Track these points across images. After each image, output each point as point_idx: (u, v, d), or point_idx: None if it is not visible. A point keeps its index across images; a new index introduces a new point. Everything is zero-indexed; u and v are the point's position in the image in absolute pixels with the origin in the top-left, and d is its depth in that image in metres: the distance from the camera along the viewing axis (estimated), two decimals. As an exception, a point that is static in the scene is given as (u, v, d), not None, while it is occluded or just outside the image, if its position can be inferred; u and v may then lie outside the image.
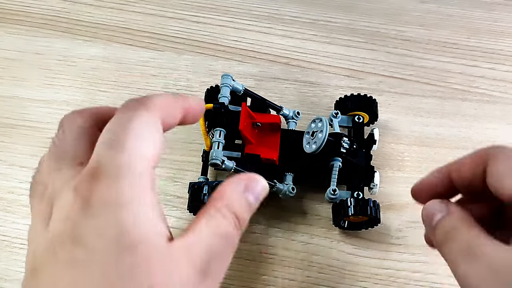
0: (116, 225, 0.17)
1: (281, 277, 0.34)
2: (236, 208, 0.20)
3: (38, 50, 0.43)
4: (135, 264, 0.17)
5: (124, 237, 0.16)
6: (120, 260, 0.16)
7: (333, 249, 0.35)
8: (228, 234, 0.20)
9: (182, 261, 0.18)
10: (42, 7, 0.46)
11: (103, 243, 0.16)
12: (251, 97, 0.34)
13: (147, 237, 0.17)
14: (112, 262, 0.16)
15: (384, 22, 0.46)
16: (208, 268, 0.19)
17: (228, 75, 0.33)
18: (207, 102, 0.35)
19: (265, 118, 0.33)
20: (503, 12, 0.47)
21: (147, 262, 0.17)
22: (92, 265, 0.16)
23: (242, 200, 0.21)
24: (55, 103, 0.40)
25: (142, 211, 0.17)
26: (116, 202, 0.17)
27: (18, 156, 0.38)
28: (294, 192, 0.32)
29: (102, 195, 0.17)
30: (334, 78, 0.42)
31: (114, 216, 0.17)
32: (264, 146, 0.32)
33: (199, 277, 0.18)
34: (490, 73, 0.43)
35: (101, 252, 0.16)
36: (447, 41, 0.45)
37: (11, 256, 0.34)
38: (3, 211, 0.36)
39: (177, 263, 0.18)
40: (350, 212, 0.31)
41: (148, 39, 0.44)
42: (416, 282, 0.34)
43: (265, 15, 0.46)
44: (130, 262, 0.16)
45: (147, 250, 0.17)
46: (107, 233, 0.16)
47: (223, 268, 0.20)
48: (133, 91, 0.41)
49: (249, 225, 0.36)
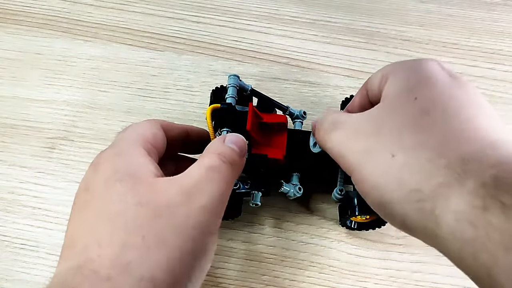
0: (111, 168, 0.23)
1: (281, 277, 0.34)
2: (219, 151, 0.25)
3: (38, 50, 0.43)
4: (124, 191, 0.22)
5: (115, 174, 0.22)
6: (111, 190, 0.22)
7: (333, 249, 0.35)
8: (213, 165, 0.24)
9: (169, 188, 0.22)
10: (42, 7, 0.46)
11: (101, 184, 0.23)
12: (257, 97, 0.34)
13: (135, 173, 0.23)
14: (105, 193, 0.22)
15: (384, 22, 0.46)
16: (193, 191, 0.22)
17: (235, 75, 0.33)
18: (212, 102, 0.35)
19: (272, 118, 0.33)
20: (503, 12, 0.47)
21: (134, 188, 0.22)
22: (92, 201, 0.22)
23: (224, 146, 0.26)
24: (55, 103, 0.40)
25: (132, 158, 0.24)
26: (114, 154, 0.24)
27: (18, 156, 0.38)
28: (301, 192, 0.32)
29: (106, 155, 0.24)
30: (334, 78, 0.42)
31: (110, 163, 0.23)
32: (271, 146, 0.32)
33: (183, 197, 0.22)
34: (490, 73, 0.43)
35: (99, 190, 0.22)
36: (447, 41, 0.45)
37: (12, 256, 0.34)
38: (3, 211, 0.36)
39: (163, 189, 0.22)
40: (357, 212, 0.31)
41: (148, 39, 0.44)
42: (416, 282, 0.34)
43: (265, 15, 0.46)
44: (119, 190, 0.22)
45: (134, 181, 0.22)
46: (105, 175, 0.23)
47: (212, 194, 0.23)
48: (133, 91, 0.41)
49: (249, 225, 0.36)
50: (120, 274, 0.19)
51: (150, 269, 0.20)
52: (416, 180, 0.20)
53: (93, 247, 0.20)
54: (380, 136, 0.23)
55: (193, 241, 0.21)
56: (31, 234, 0.35)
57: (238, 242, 0.35)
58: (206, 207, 0.22)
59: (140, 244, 0.20)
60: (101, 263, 0.20)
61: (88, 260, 0.20)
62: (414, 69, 0.24)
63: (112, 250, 0.20)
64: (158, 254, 0.20)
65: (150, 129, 0.27)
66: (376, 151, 0.22)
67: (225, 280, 0.34)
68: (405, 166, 0.21)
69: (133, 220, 0.21)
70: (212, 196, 0.23)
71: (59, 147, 0.38)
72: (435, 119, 0.22)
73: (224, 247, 0.35)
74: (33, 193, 0.36)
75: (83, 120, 0.40)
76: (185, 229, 0.21)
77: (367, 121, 0.24)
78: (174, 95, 0.41)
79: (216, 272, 0.34)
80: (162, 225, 0.21)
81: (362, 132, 0.24)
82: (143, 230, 0.21)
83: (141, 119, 0.39)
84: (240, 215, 0.34)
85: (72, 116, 0.40)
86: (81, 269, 0.20)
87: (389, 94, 0.24)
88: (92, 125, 0.39)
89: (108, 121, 0.40)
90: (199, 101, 0.41)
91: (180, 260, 0.21)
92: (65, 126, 0.39)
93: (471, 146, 0.20)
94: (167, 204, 0.22)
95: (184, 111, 0.40)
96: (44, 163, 0.38)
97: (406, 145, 0.21)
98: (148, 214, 0.21)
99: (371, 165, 0.22)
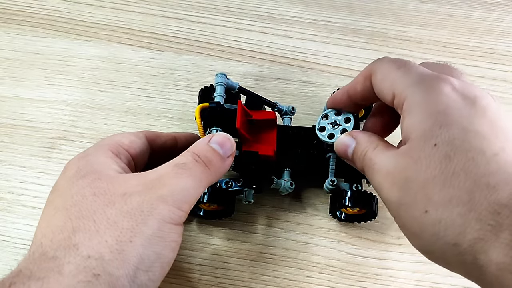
0: (75, 169, 0.25)
1: (281, 277, 0.34)
2: (196, 150, 0.25)
3: (38, 50, 0.43)
4: (83, 185, 0.23)
5: (78, 173, 0.24)
6: (72, 186, 0.24)
7: (333, 249, 0.35)
8: (182, 162, 0.24)
9: (129, 180, 0.23)
10: (42, 7, 0.46)
11: (64, 183, 0.24)
12: (245, 94, 0.34)
13: (96, 170, 0.24)
14: (67, 190, 0.24)
15: (384, 22, 0.46)
16: (154, 183, 0.23)
17: (222, 74, 0.33)
18: (201, 101, 0.35)
19: (261, 115, 0.33)
20: (503, 12, 0.47)
21: (93, 183, 0.23)
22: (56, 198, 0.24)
23: (204, 146, 0.26)
24: (55, 103, 0.40)
25: (95, 158, 0.25)
26: (80, 158, 0.26)
27: (18, 156, 0.38)
28: (293, 188, 0.33)
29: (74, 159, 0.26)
30: (334, 78, 0.42)
31: (76, 164, 0.25)
32: (261, 143, 0.33)
33: (141, 187, 0.23)
34: (490, 73, 0.43)
35: (63, 188, 0.24)
36: (447, 41, 0.45)
37: (12, 256, 0.34)
38: (3, 211, 0.36)
39: (123, 181, 0.23)
40: (348, 203, 0.32)
41: (148, 39, 0.44)
42: (416, 282, 0.34)
43: (265, 15, 0.46)
44: (79, 184, 0.23)
45: (94, 176, 0.24)
46: (69, 175, 0.25)
47: (174, 187, 0.23)
48: (133, 91, 0.41)
49: (249, 225, 0.36)
50: (67, 254, 0.21)
51: (98, 249, 0.21)
52: (452, 235, 0.20)
53: (47, 235, 0.22)
54: (410, 190, 0.22)
55: (146, 226, 0.22)
56: (31, 234, 0.34)
57: (238, 242, 0.35)
58: (165, 198, 0.23)
59: (90, 227, 0.22)
60: (51, 247, 0.21)
61: (40, 245, 0.22)
62: (428, 102, 0.22)
63: (63, 235, 0.22)
64: (107, 235, 0.21)
65: (128, 137, 0.28)
66: (409, 205, 0.22)
67: (225, 280, 0.34)
68: (439, 222, 0.20)
69: (86, 208, 0.22)
70: (173, 189, 0.23)
71: (59, 147, 0.38)
72: (459, 165, 0.20)
73: (223, 247, 0.35)
74: (33, 193, 0.36)
75: (83, 120, 0.40)
76: (139, 215, 0.22)
77: (397, 170, 0.23)
78: (174, 95, 0.41)
79: (216, 272, 0.34)
80: (114, 211, 0.22)
81: (395, 181, 0.23)
82: (95, 215, 0.22)
83: (141, 119, 0.40)
84: (234, 213, 0.34)
85: (72, 116, 0.40)
86: (33, 254, 0.22)
87: (410, 137, 0.23)
88: (92, 125, 0.39)
89: (108, 121, 0.40)
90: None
91: (131, 241, 0.21)
92: (65, 126, 0.39)
93: (501, 192, 0.19)
94: (123, 193, 0.23)
95: (184, 111, 0.40)
96: (44, 163, 0.38)
97: (435, 201, 0.21)
98: (102, 201, 0.23)
99: (408, 218, 0.22)
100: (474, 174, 0.20)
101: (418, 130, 0.22)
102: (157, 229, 0.22)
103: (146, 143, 0.29)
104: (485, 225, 0.19)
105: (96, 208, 0.22)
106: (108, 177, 0.24)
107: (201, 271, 0.34)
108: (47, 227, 0.23)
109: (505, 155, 0.20)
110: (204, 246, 0.35)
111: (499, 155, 0.20)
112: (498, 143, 0.21)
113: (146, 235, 0.22)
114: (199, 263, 0.34)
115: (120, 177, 0.24)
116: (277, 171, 0.33)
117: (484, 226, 0.19)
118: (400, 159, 0.23)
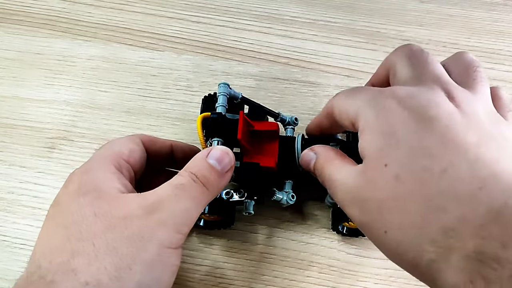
0: (78, 184, 0.24)
1: (281, 277, 0.34)
2: (193, 168, 0.25)
3: (38, 50, 0.43)
4: (84, 204, 0.23)
5: (80, 189, 0.24)
6: (73, 203, 0.23)
7: (333, 249, 0.35)
8: (180, 185, 0.24)
9: (130, 202, 0.23)
10: (42, 7, 0.46)
11: (66, 198, 0.24)
12: (248, 105, 0.34)
13: (98, 188, 0.24)
14: (68, 206, 0.23)
15: (384, 22, 0.46)
16: (155, 206, 0.23)
17: (225, 84, 0.33)
18: (203, 110, 0.35)
19: (263, 125, 0.32)
20: (503, 12, 0.47)
21: (94, 202, 0.23)
22: (57, 214, 0.24)
23: (202, 162, 0.25)
24: (55, 103, 0.40)
25: (98, 174, 0.25)
26: (83, 172, 0.25)
27: (18, 156, 0.38)
28: (294, 200, 0.32)
29: (76, 171, 0.26)
30: (334, 78, 0.42)
31: (78, 179, 0.25)
32: (263, 154, 0.32)
33: (142, 211, 0.23)
34: (490, 73, 0.43)
35: (64, 204, 0.24)
36: (447, 41, 0.45)
37: (12, 256, 0.34)
38: (3, 211, 0.36)
39: (124, 203, 0.23)
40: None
41: (148, 39, 0.44)
42: (416, 282, 0.34)
43: (265, 15, 0.46)
44: (81, 202, 0.23)
45: (96, 195, 0.23)
46: (71, 190, 0.24)
47: (174, 210, 0.23)
48: (133, 91, 0.41)
49: (248, 225, 0.36)
50: (65, 279, 0.21)
51: (96, 276, 0.21)
52: (411, 256, 0.20)
53: (46, 255, 0.22)
54: (368, 210, 0.22)
55: (146, 252, 0.22)
56: (31, 234, 0.35)
57: (238, 242, 0.35)
58: (165, 222, 0.23)
59: (89, 251, 0.21)
60: (49, 269, 0.21)
61: (39, 267, 0.21)
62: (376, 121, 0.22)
63: (62, 257, 0.21)
64: (107, 261, 0.21)
65: (127, 145, 0.28)
66: (370, 225, 0.22)
67: (225, 280, 0.34)
68: (399, 243, 0.21)
69: (87, 229, 0.22)
70: (173, 212, 0.23)
71: (59, 147, 0.38)
72: (408, 186, 0.20)
73: (224, 247, 0.35)
74: (33, 193, 0.36)
75: (83, 120, 0.40)
76: (139, 240, 0.22)
77: (354, 190, 0.23)
78: (174, 95, 0.41)
79: (216, 272, 0.34)
80: (114, 235, 0.22)
81: (354, 201, 0.23)
82: (95, 238, 0.22)
83: (141, 119, 0.40)
84: (233, 224, 0.34)
85: (72, 116, 0.40)
86: (31, 276, 0.21)
87: (365, 156, 0.23)
88: (92, 125, 0.39)
89: (108, 121, 0.40)
90: (199, 101, 0.40)
91: (130, 269, 0.21)
92: (65, 126, 0.39)
93: (449, 215, 0.19)
94: (124, 216, 0.22)
95: (184, 111, 0.40)
96: (44, 163, 0.38)
97: (392, 223, 0.21)
98: (103, 224, 0.22)
99: (371, 236, 0.23)
100: (424, 195, 0.20)
101: (371, 149, 0.22)
102: (157, 255, 0.22)
103: (143, 149, 0.29)
104: (437, 248, 0.19)
105: (96, 230, 0.22)
106: (109, 198, 0.24)
107: (201, 271, 0.34)
108: (46, 245, 0.23)
109: (453, 170, 0.19)
110: (204, 246, 0.35)
111: (448, 172, 0.19)
112: (447, 156, 0.20)
113: (146, 261, 0.22)
114: (199, 263, 0.34)
115: (121, 198, 0.24)
116: (278, 182, 0.33)
117: (437, 249, 0.19)
118: (357, 178, 0.23)
